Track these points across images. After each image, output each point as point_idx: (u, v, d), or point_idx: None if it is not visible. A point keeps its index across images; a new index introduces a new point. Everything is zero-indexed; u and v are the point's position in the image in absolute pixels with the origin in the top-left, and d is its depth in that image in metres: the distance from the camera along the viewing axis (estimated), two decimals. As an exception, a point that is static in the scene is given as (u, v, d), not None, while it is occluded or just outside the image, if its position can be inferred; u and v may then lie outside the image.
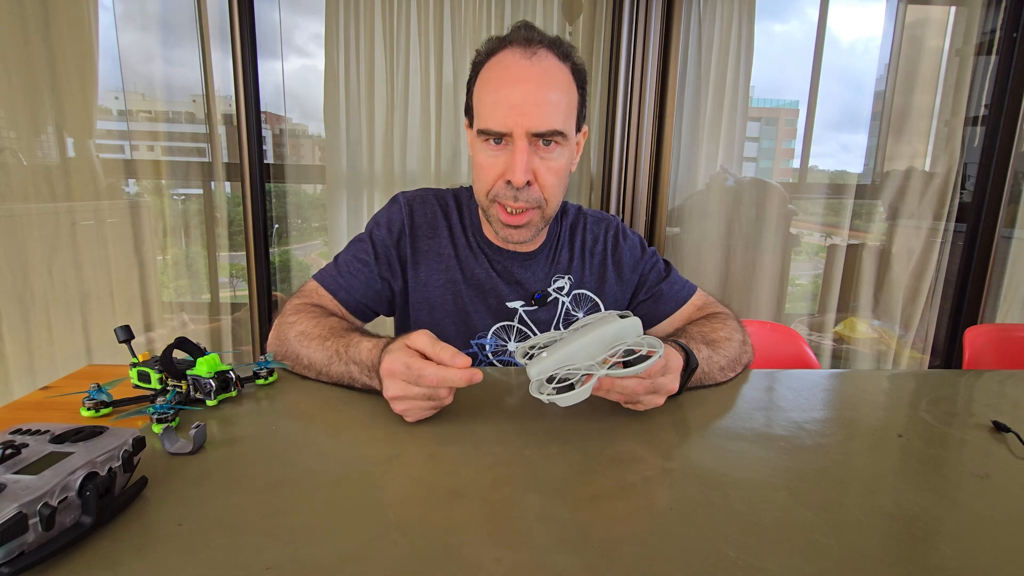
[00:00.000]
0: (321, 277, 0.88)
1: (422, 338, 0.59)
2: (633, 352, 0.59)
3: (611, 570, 0.39)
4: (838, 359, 2.15)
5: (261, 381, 0.72)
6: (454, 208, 0.93)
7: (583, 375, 0.57)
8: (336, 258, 0.90)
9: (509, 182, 0.78)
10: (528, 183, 0.78)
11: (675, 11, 1.73)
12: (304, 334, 0.74)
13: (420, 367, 0.56)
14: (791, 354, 1.23)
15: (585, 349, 0.59)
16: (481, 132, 0.78)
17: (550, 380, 0.57)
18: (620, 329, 0.61)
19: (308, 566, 0.38)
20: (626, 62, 1.74)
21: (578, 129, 0.84)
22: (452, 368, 0.56)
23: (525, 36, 0.77)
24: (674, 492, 0.50)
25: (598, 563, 0.39)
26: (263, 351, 0.79)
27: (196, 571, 0.38)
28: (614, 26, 1.75)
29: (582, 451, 0.56)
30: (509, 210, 0.80)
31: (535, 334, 0.91)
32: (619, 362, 0.59)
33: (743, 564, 0.40)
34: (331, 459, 0.54)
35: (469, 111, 0.84)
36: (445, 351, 0.57)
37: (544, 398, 0.55)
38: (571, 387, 0.56)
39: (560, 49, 0.78)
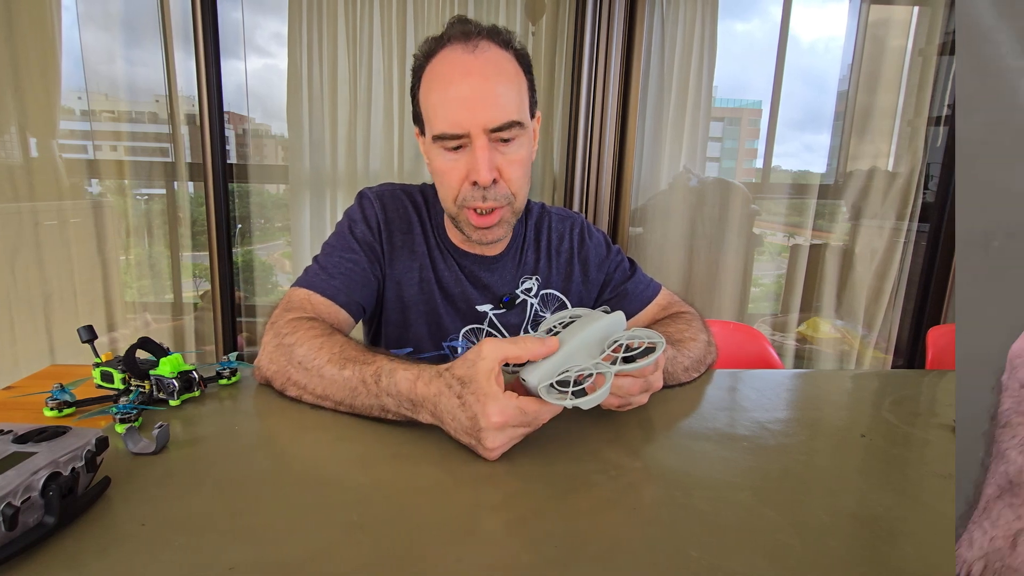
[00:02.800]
0: (310, 283, 0.79)
1: (496, 350, 0.52)
2: (628, 348, 0.57)
3: (574, 569, 0.39)
4: (801, 359, 2.15)
5: (224, 381, 0.71)
6: (423, 205, 0.90)
7: (595, 375, 0.54)
8: (317, 261, 0.84)
9: (475, 183, 0.74)
10: (494, 180, 0.75)
11: (638, 11, 1.73)
12: (311, 359, 0.65)
13: (535, 411, 0.52)
14: (754, 354, 1.23)
15: (582, 349, 0.56)
16: (437, 138, 0.74)
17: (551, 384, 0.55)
18: (609, 325, 0.59)
19: (271, 566, 0.38)
20: (589, 62, 1.74)
21: (532, 115, 0.80)
22: (554, 406, 0.53)
23: (462, 30, 0.73)
24: (638, 492, 0.50)
25: (560, 562, 0.39)
26: (227, 351, 0.78)
27: (159, 571, 0.37)
28: (577, 26, 1.75)
29: (545, 451, 0.55)
30: (479, 211, 0.77)
31: (505, 336, 0.89)
32: (619, 358, 0.57)
33: (706, 564, 0.39)
34: (295, 459, 0.54)
35: (418, 119, 0.80)
36: (531, 343, 0.53)
37: (568, 403, 0.51)
38: (583, 390, 0.53)
39: (500, 37, 0.74)
